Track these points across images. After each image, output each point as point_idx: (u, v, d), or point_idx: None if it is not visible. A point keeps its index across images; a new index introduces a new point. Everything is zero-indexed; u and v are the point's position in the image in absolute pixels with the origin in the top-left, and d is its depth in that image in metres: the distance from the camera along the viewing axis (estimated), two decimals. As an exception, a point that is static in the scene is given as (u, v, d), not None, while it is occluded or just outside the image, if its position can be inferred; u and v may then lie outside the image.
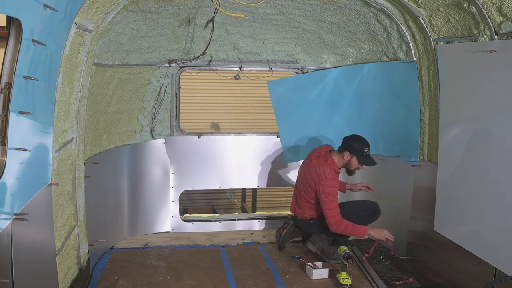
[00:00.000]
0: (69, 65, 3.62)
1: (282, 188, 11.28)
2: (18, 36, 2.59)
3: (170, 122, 5.70)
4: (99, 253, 4.85)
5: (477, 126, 3.77)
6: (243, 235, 5.72)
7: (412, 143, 4.80)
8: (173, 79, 5.59)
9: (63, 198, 3.78)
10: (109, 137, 5.12)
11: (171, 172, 5.78)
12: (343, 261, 4.30)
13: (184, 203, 10.78)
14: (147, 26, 4.81)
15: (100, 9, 3.86)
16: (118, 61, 4.94)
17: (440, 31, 4.05)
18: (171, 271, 4.64)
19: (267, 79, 5.83)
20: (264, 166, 6.04)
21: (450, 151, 4.12)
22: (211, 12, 4.58)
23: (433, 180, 4.33)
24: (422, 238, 4.73)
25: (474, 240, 3.79)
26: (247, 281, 4.45)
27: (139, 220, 5.63)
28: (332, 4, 4.63)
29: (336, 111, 5.80)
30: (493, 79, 3.54)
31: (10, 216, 2.66)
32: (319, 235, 4.95)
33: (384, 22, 4.70)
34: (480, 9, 3.43)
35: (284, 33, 5.38)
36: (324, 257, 4.85)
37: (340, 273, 4.35)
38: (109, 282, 4.36)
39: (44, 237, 3.33)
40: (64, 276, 3.78)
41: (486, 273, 3.61)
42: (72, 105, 3.88)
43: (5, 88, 2.60)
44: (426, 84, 4.51)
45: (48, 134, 3.28)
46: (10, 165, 2.63)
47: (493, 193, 3.60)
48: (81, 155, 4.24)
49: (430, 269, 4.51)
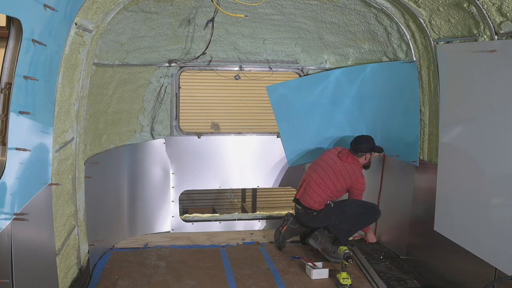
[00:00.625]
0: (69, 65, 3.62)
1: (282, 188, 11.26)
2: (18, 36, 2.59)
3: (170, 122, 5.70)
4: (99, 253, 4.85)
5: (477, 126, 3.77)
6: (243, 235, 5.72)
7: (412, 143, 4.80)
8: (173, 79, 5.59)
9: (63, 198, 3.78)
10: (109, 137, 5.12)
11: (171, 172, 5.78)
12: (343, 261, 4.31)
13: (184, 203, 10.77)
14: (147, 26, 4.81)
15: (100, 9, 3.86)
16: (118, 61, 4.94)
17: (440, 31, 4.05)
18: (171, 271, 4.64)
19: (267, 79, 5.83)
20: (264, 166, 6.04)
21: (450, 151, 4.12)
22: (211, 12, 4.58)
23: (433, 180, 4.33)
24: (422, 238, 4.73)
25: (474, 240, 3.79)
26: (247, 281, 4.45)
27: (139, 220, 5.63)
28: (332, 4, 4.63)
29: (337, 112, 5.80)
30: (493, 79, 3.54)
31: (10, 216, 2.66)
32: (322, 232, 4.98)
33: (384, 22, 4.69)
34: (480, 9, 3.43)
35: (284, 33, 5.38)
36: (325, 255, 4.87)
37: (340, 273, 4.36)
38: (109, 282, 4.36)
39: (44, 237, 3.33)
40: (64, 276, 3.78)
41: (486, 273, 3.61)
42: (72, 105, 3.88)
43: (5, 88, 2.60)
44: (426, 84, 4.51)
45: (48, 134, 3.28)
46: (10, 165, 2.63)
47: (493, 193, 3.60)
48: (81, 155, 4.24)
49: (430, 269, 4.51)
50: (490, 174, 3.62)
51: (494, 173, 3.58)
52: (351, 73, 5.56)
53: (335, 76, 5.66)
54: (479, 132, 3.74)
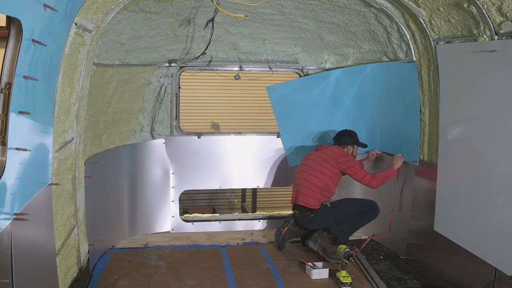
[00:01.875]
0: (69, 65, 3.62)
1: (282, 188, 11.27)
2: (18, 36, 2.59)
3: (170, 122, 5.70)
4: (99, 253, 4.85)
5: (477, 126, 3.77)
6: (243, 235, 5.72)
7: (412, 143, 4.80)
8: (173, 79, 5.59)
9: (63, 198, 3.78)
10: (109, 137, 5.12)
11: (171, 172, 5.78)
12: (344, 259, 4.31)
13: (184, 203, 10.77)
14: (147, 26, 4.81)
15: (100, 9, 3.86)
16: (118, 61, 4.94)
17: (440, 31, 4.05)
18: (171, 271, 4.64)
19: (267, 79, 5.83)
20: (264, 166, 6.04)
21: (450, 151, 4.12)
22: (211, 12, 4.58)
23: (433, 180, 4.33)
24: (422, 238, 4.73)
25: (474, 240, 3.79)
26: (247, 281, 4.45)
27: (139, 220, 5.63)
28: (332, 4, 4.63)
29: (337, 112, 5.80)
30: (493, 79, 3.54)
31: (10, 216, 2.66)
32: (321, 233, 4.97)
33: (384, 22, 4.70)
34: (480, 9, 3.43)
35: (284, 33, 5.38)
36: (325, 256, 4.86)
37: (340, 271, 4.36)
38: (109, 282, 4.37)
39: (44, 237, 3.33)
40: (64, 276, 3.78)
41: (486, 273, 3.61)
42: (72, 105, 3.88)
43: (5, 88, 2.60)
44: (426, 84, 4.51)
45: (48, 134, 3.28)
46: (10, 165, 2.63)
47: (493, 193, 3.59)
48: (81, 155, 4.24)
49: (430, 269, 4.51)
50: (490, 174, 3.62)
51: (494, 173, 3.58)
52: (351, 73, 5.56)
53: (335, 76, 5.66)
54: (479, 132, 3.74)
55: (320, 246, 4.94)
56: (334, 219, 4.98)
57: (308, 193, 5.04)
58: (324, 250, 4.90)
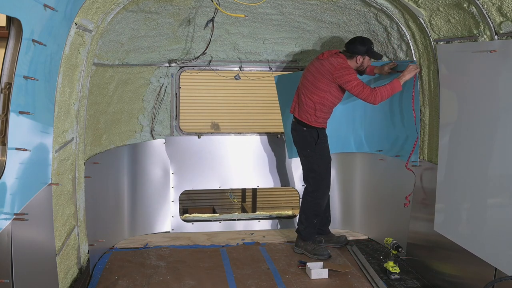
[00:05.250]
0: (69, 65, 3.62)
1: (282, 188, 11.26)
2: (18, 36, 2.59)
3: (170, 122, 5.70)
4: (99, 253, 4.85)
5: (477, 126, 3.77)
6: (243, 235, 5.72)
7: (412, 143, 4.79)
8: (173, 79, 5.59)
9: (63, 198, 3.78)
10: (109, 137, 5.13)
11: (171, 172, 5.78)
12: (392, 250, 4.50)
13: (184, 203, 10.77)
14: (147, 26, 4.81)
15: (100, 9, 3.86)
16: (118, 61, 4.94)
17: (440, 31, 4.05)
18: (171, 271, 4.64)
19: (267, 79, 5.82)
20: (264, 166, 6.03)
21: (450, 151, 4.12)
22: (211, 12, 4.58)
23: (433, 180, 4.33)
24: (422, 238, 4.73)
25: (474, 240, 3.79)
26: (247, 281, 4.45)
27: (139, 220, 5.63)
28: (332, 4, 4.63)
29: (336, 112, 5.77)
30: (493, 79, 3.53)
31: (10, 216, 2.66)
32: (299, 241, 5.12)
33: (384, 22, 4.70)
34: (480, 9, 3.43)
35: (284, 33, 5.38)
36: (308, 255, 5.00)
37: (388, 262, 4.55)
38: (109, 282, 4.37)
39: (44, 237, 3.34)
40: (64, 276, 3.78)
41: (486, 273, 3.61)
42: (72, 105, 3.89)
43: (5, 88, 2.61)
44: (426, 84, 4.51)
45: (48, 134, 3.28)
46: (10, 165, 2.63)
47: (493, 193, 3.60)
48: (81, 155, 4.25)
49: (430, 269, 4.51)
50: (490, 174, 3.62)
51: (494, 173, 3.58)
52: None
53: None
54: (479, 132, 3.74)
55: (302, 248, 5.08)
56: (308, 154, 4.99)
57: (306, 109, 4.93)
58: (306, 250, 5.05)
